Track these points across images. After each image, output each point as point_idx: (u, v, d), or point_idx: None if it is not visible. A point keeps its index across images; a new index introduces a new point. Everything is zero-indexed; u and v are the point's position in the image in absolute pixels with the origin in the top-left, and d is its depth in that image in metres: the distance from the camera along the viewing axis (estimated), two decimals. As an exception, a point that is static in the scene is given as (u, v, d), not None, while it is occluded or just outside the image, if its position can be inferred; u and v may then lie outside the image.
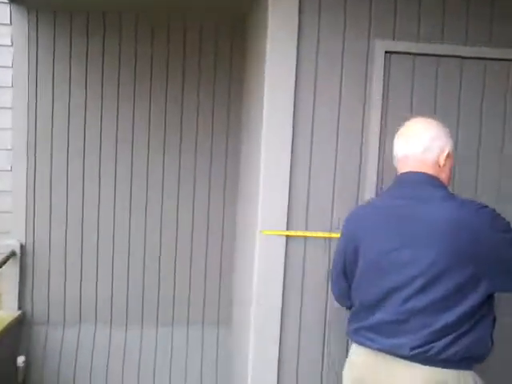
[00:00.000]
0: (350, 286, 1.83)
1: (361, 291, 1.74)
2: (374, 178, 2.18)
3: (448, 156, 1.70)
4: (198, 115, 3.17)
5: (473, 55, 2.17)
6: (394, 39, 2.16)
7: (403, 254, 1.61)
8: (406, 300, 1.59)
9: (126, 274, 3.20)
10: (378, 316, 1.65)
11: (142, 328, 3.21)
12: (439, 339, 1.54)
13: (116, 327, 3.21)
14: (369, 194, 2.18)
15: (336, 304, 2.02)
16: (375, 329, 1.66)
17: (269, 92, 2.14)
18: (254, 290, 2.20)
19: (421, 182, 1.67)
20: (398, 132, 1.77)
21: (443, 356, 1.54)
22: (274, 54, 2.12)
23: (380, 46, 2.14)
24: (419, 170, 1.69)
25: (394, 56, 2.16)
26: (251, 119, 2.62)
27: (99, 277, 3.20)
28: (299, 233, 2.17)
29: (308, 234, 2.17)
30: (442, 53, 2.17)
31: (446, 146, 1.70)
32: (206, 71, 3.14)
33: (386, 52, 2.15)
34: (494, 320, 1.65)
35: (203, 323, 3.22)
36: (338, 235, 2.15)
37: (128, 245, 3.20)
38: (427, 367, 1.55)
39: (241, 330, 2.64)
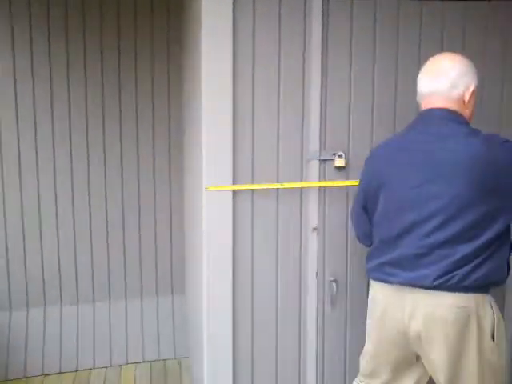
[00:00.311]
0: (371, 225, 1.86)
1: (382, 227, 1.78)
2: (317, 126, 2.14)
3: (473, 93, 1.71)
4: (136, 80, 3.03)
5: (409, -4, 2.15)
6: (330, -18, 2.11)
7: (426, 189, 1.65)
8: (428, 234, 1.64)
9: (73, 251, 3.07)
10: (399, 251, 1.70)
11: (94, 303, 3.10)
12: (459, 268, 1.61)
13: (67, 303, 3.09)
14: (313, 142, 2.14)
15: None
16: (396, 263, 1.71)
17: (206, 49, 2.03)
18: (204, 248, 2.13)
19: (445, 119, 1.69)
20: (424, 68, 1.77)
21: (465, 283, 1.61)
22: (209, 7, 2.02)
23: (317, -10, 2.09)
24: (443, 107, 1.70)
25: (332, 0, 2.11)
26: (191, 82, 2.52)
27: (44, 255, 3.05)
28: (246, 186, 2.12)
29: (255, 186, 2.12)
30: (378, -6, 2.14)
31: (472, 82, 1.71)
32: (142, 30, 2.99)
33: (323, -5, 2.10)
34: (511, 247, 1.71)
35: (157, 294, 3.15)
36: (287, 185, 2.13)
37: (73, 221, 3.06)
38: (449, 293, 1.63)
39: (194, 295, 2.58)
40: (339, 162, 2.14)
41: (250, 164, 2.12)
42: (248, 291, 2.17)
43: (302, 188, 2.16)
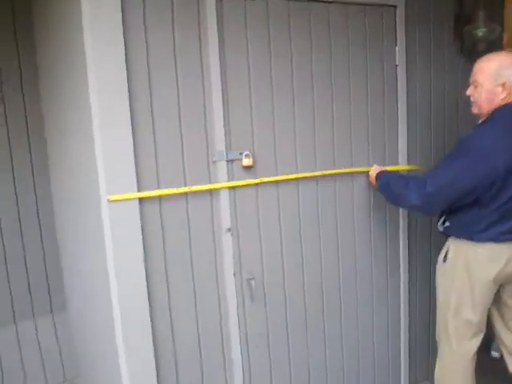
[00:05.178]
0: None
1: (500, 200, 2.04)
2: (222, 126, 2.09)
3: None
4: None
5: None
6: (222, -20, 2.05)
7: None
8: None
9: None
10: None
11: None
12: None
13: None
14: (218, 142, 2.09)
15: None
16: None
17: (94, 53, 1.82)
18: (109, 264, 1.95)
19: None
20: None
21: None
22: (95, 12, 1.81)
23: (209, -12, 2.01)
24: None
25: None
26: (62, 77, 2.23)
27: None
28: (153, 193, 1.98)
29: (162, 192, 2.00)
30: (269, -6, 2.14)
31: None
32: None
33: (216, -5, 2.03)
34: None
35: (34, 316, 2.79)
36: (195, 188, 2.04)
37: None
38: None
39: (92, 314, 2.36)
40: (247, 162, 2.13)
41: (154, 169, 1.99)
42: (165, 300, 2.06)
43: (211, 190, 2.10)
